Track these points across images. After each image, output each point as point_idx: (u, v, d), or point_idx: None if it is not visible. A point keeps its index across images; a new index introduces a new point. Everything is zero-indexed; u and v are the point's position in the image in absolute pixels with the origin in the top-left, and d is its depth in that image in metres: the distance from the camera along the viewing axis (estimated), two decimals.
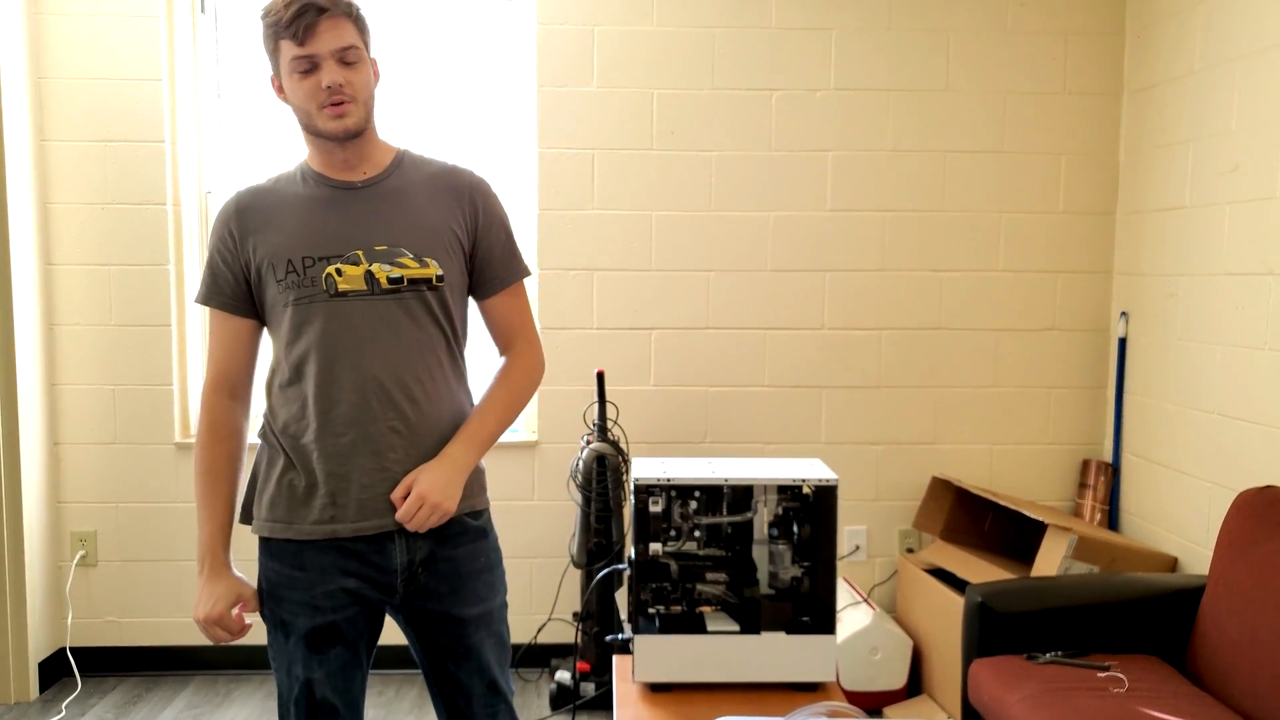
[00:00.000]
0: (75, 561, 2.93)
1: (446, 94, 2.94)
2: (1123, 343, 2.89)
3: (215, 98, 2.97)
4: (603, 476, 2.71)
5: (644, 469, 1.74)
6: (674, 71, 2.88)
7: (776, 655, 1.65)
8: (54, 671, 2.91)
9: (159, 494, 2.93)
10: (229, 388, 1.50)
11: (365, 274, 1.44)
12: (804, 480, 1.69)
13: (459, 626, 1.54)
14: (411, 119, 2.95)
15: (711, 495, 1.72)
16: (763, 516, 1.74)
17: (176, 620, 2.98)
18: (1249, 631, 1.98)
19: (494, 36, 2.94)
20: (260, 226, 1.47)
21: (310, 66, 1.40)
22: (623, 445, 2.83)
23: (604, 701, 2.68)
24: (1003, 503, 2.70)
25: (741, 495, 1.72)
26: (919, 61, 2.89)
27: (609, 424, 2.80)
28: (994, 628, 2.18)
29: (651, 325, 2.95)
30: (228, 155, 2.98)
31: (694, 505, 1.72)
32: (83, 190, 2.84)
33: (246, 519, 1.55)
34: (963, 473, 2.99)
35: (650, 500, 1.69)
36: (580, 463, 2.73)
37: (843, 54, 2.88)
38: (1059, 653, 2.13)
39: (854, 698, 2.68)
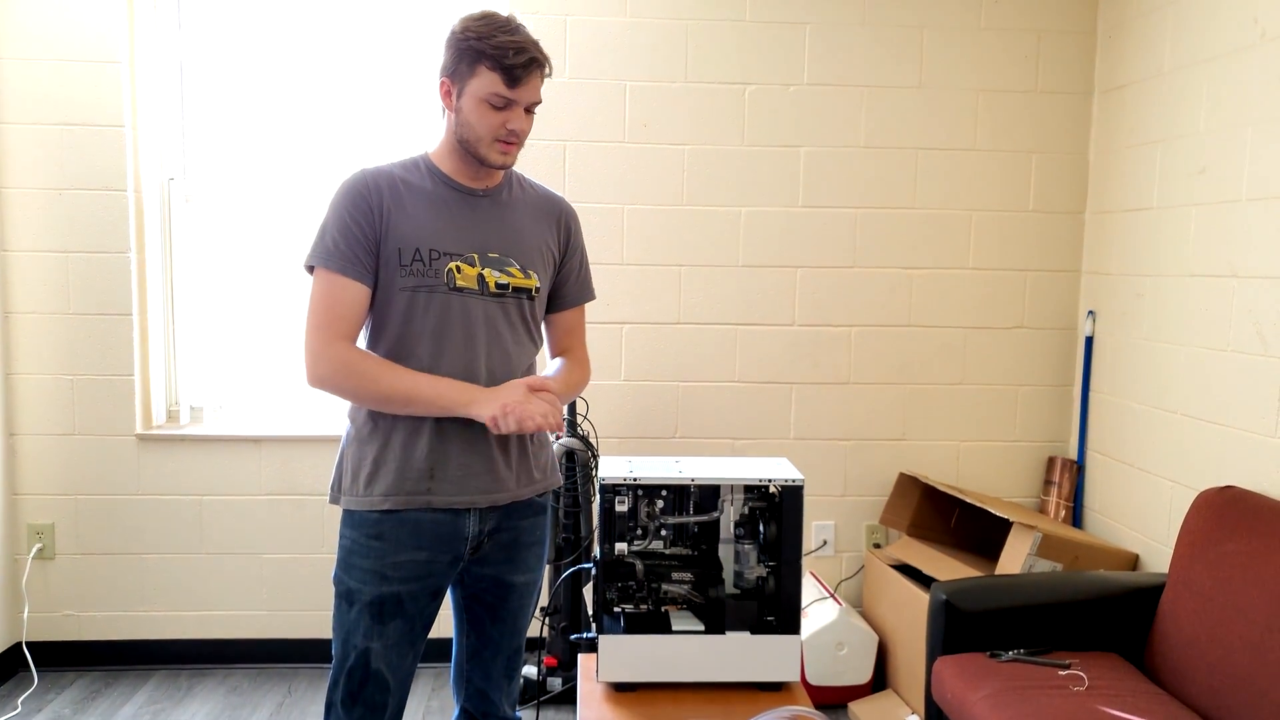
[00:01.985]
0: (32, 555, 2.87)
1: (416, 85, 2.89)
2: (1089, 341, 2.92)
3: (177, 81, 2.89)
4: (571, 472, 2.70)
5: (610, 468, 1.73)
6: (647, 63, 2.85)
7: (741, 655, 1.65)
8: (10, 666, 2.86)
9: (119, 486, 2.88)
10: (346, 336, 1.55)
11: (478, 276, 1.59)
12: (770, 480, 1.69)
13: (507, 590, 1.70)
14: (381, 110, 2.90)
15: (678, 494, 1.72)
16: (729, 516, 1.74)
17: (137, 614, 2.93)
18: (1207, 630, 2.01)
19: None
20: (394, 208, 1.56)
21: (505, 105, 1.53)
22: (592, 440, 2.82)
23: (570, 696, 2.68)
24: (969, 499, 2.73)
25: (708, 494, 1.72)
26: (892, 58, 2.88)
27: (578, 419, 2.78)
28: (958, 625, 2.20)
29: (622, 320, 2.93)
30: (191, 140, 2.91)
31: (660, 504, 1.71)
32: (40, 175, 2.76)
33: (335, 499, 1.63)
34: (930, 469, 3.01)
35: (616, 499, 1.68)
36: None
37: (816, 49, 2.87)
38: (1021, 650, 2.16)
39: (819, 692, 2.69)
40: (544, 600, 2.93)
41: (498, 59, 1.50)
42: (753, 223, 2.92)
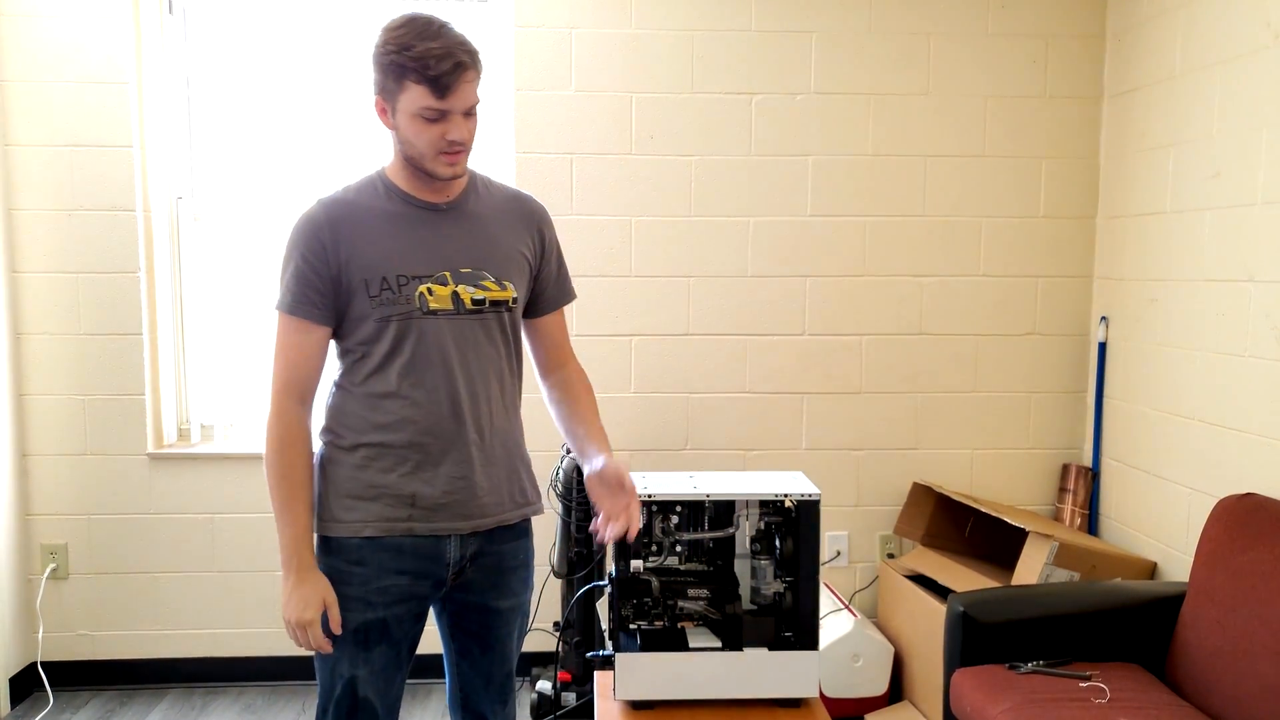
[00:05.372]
0: (46, 575, 2.87)
1: None
2: (1103, 347, 2.90)
3: (185, 100, 2.90)
4: (583, 486, 2.68)
5: None
6: (653, 75, 2.85)
7: (759, 671, 1.64)
8: (25, 687, 2.86)
9: (131, 505, 2.88)
10: (300, 394, 1.52)
11: (452, 294, 1.52)
12: (786, 494, 1.67)
13: (493, 617, 1.65)
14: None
15: (693, 510, 1.70)
16: (744, 531, 1.73)
17: (151, 633, 2.92)
18: (1230, 640, 1.99)
19: (470, 38, 2.90)
20: (351, 238, 1.50)
21: (439, 117, 1.44)
22: None
23: (585, 712, 2.66)
24: (983, 509, 2.70)
25: (723, 510, 1.70)
26: (900, 65, 2.87)
27: None
28: (976, 637, 2.17)
29: (631, 332, 2.92)
30: (199, 159, 2.92)
31: (675, 520, 1.70)
32: (49, 196, 2.77)
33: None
34: (944, 478, 2.99)
35: None
36: (560, 471, 2.71)
37: (823, 57, 2.87)
38: (1040, 662, 2.13)
39: (835, 705, 2.67)
40: (557, 615, 2.92)
41: (420, 71, 1.41)
42: (761, 233, 2.91)
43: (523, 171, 2.85)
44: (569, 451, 2.71)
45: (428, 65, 1.40)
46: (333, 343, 1.56)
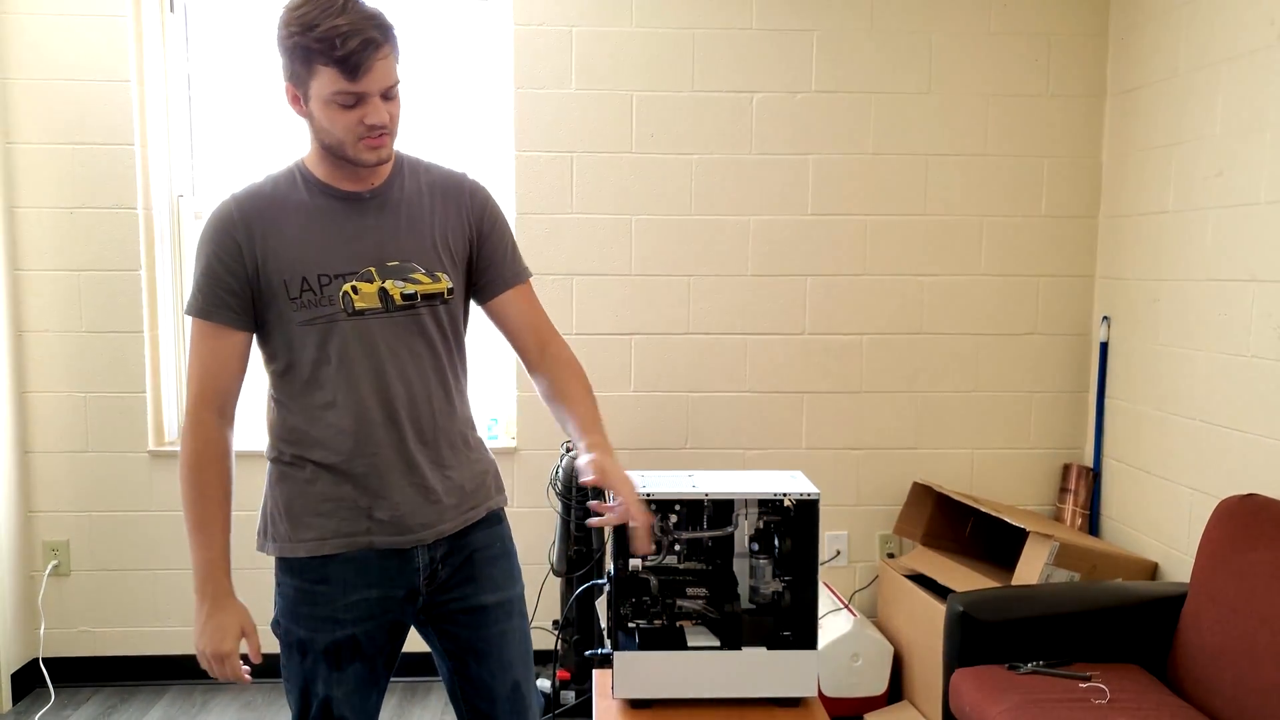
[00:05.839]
0: (48, 571, 2.88)
1: (421, 96, 2.90)
2: (1104, 347, 2.89)
3: (186, 98, 2.91)
4: (582, 485, 2.68)
5: None
6: (653, 73, 2.84)
7: (758, 671, 1.64)
8: (27, 683, 2.86)
9: (132, 502, 2.88)
10: (219, 405, 1.41)
11: (379, 291, 1.40)
12: (785, 494, 1.67)
13: (479, 616, 1.51)
14: None
15: (692, 509, 1.70)
16: (743, 530, 1.72)
17: (152, 629, 2.93)
18: (1231, 642, 1.98)
19: (470, 37, 2.90)
20: (266, 235, 1.39)
21: (355, 101, 1.32)
22: None
23: (584, 710, 2.66)
24: (983, 508, 2.70)
25: (722, 509, 1.70)
26: (900, 63, 2.87)
27: None
28: (975, 637, 2.17)
29: (631, 330, 2.92)
30: (200, 157, 2.92)
31: (674, 519, 1.70)
32: (50, 194, 2.78)
33: (263, 546, 1.49)
34: (944, 478, 2.98)
35: None
36: (560, 470, 2.71)
37: (824, 56, 2.86)
38: (1040, 662, 2.13)
39: (834, 704, 2.67)
40: (556, 614, 2.92)
41: (327, 52, 1.27)
42: (762, 232, 2.90)
43: (522, 170, 2.85)
44: (569, 450, 2.71)
45: (334, 45, 1.27)
46: (260, 351, 1.46)
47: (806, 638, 1.65)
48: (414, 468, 1.44)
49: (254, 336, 1.44)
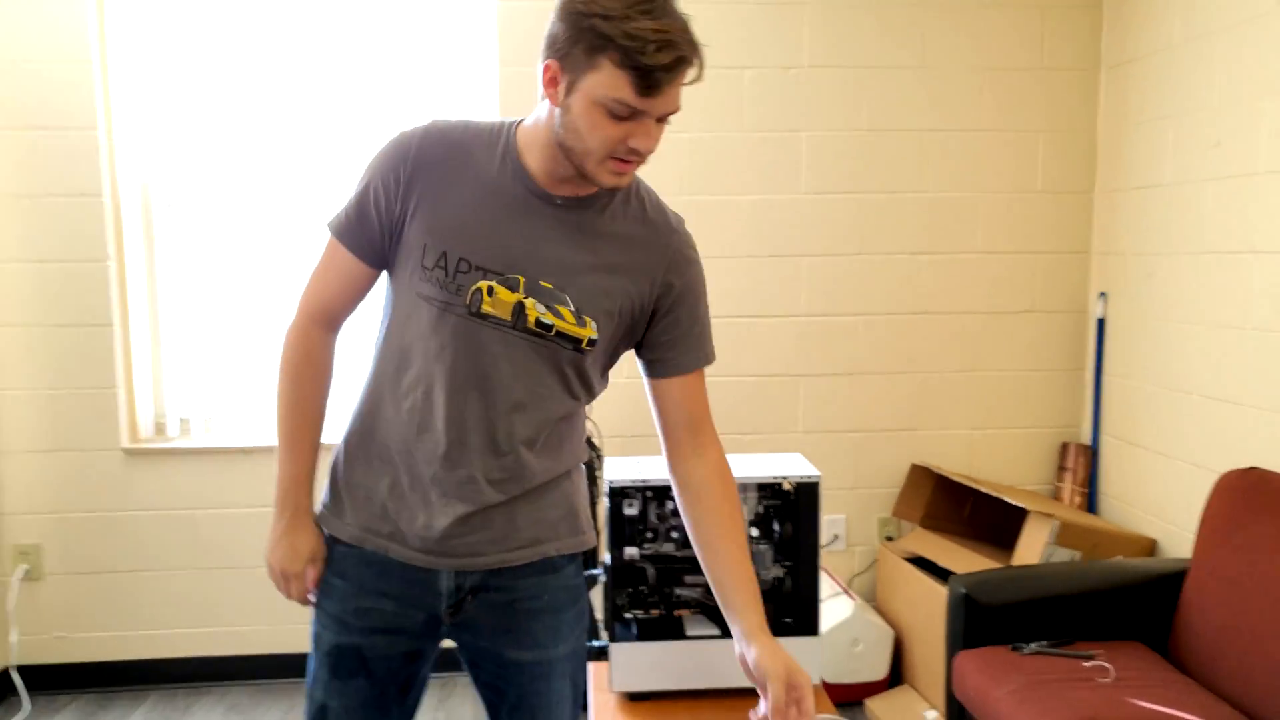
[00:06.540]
0: (18, 577, 2.78)
1: (403, 74, 2.81)
2: (1101, 323, 2.85)
3: (154, 79, 2.79)
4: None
5: (618, 470, 1.66)
6: None
7: None
8: None
9: (107, 503, 2.79)
10: (329, 320, 1.31)
11: (516, 305, 1.21)
12: (785, 477, 1.63)
13: (510, 671, 1.32)
14: (367, 101, 2.81)
15: None
16: (742, 515, 1.67)
17: (130, 633, 2.84)
18: (1234, 617, 1.95)
19: (452, 13, 2.81)
20: (436, 187, 1.21)
21: (629, 114, 1.12)
22: (596, 440, 2.74)
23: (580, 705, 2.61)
24: (983, 489, 2.66)
25: None
26: (894, 38, 2.81)
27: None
28: (978, 618, 2.14)
29: None
30: (169, 141, 2.82)
31: (670, 505, 1.64)
32: (11, 182, 2.67)
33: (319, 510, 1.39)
34: (942, 459, 2.94)
35: (625, 502, 1.62)
36: None
37: (816, 30, 2.79)
38: (1044, 642, 2.09)
39: (835, 690, 2.63)
40: None
41: (631, 53, 1.07)
42: (755, 211, 2.84)
43: None
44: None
45: (644, 49, 1.07)
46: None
47: (808, 623, 1.62)
48: (468, 499, 1.25)
49: (381, 275, 1.31)
